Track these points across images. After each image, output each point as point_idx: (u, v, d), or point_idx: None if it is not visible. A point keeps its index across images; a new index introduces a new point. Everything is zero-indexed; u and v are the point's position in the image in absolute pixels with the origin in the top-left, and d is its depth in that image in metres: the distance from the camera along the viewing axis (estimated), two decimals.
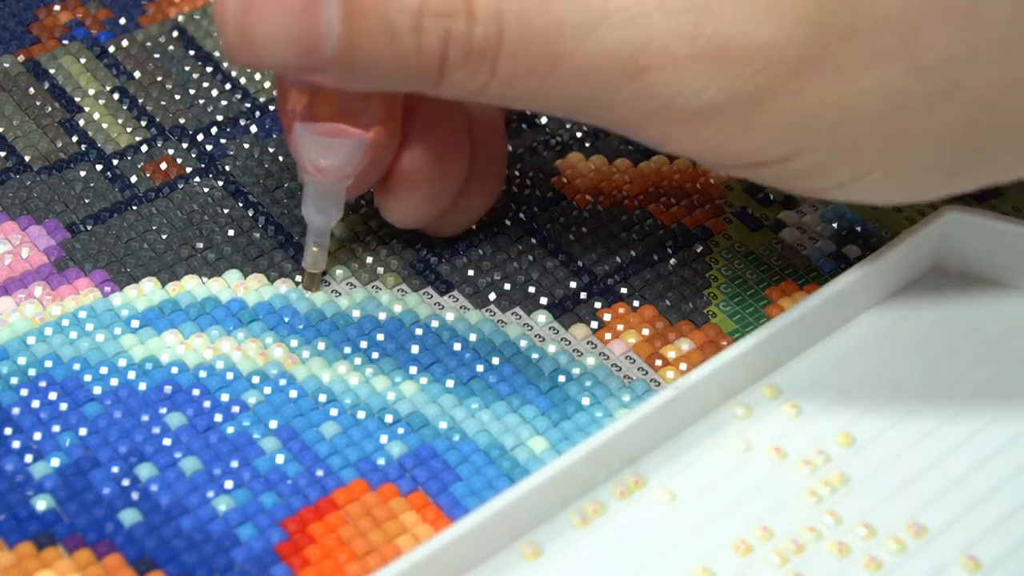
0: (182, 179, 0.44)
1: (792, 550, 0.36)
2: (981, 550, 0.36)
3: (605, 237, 0.43)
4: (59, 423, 0.38)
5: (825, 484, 0.37)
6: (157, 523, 0.36)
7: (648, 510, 0.36)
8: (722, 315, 0.41)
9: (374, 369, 0.39)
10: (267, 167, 0.44)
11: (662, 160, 0.45)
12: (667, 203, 0.44)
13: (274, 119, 0.46)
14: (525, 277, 0.42)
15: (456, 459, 0.38)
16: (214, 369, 0.39)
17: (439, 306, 0.41)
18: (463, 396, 0.39)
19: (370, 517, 0.36)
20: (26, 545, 0.35)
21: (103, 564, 0.35)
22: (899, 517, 0.36)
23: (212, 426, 0.38)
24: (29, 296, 0.41)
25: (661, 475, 0.37)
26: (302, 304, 0.41)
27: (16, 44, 0.48)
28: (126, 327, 0.40)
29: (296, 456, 0.37)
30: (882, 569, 0.35)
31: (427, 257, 0.42)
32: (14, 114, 0.45)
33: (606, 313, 0.41)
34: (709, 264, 0.43)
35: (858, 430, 0.38)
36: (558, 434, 0.38)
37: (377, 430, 0.38)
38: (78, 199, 0.43)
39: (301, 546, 0.36)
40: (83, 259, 0.42)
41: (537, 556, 0.35)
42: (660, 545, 0.36)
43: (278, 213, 0.43)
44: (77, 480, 0.37)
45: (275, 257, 0.42)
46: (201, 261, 0.42)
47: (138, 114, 0.46)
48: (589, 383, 0.39)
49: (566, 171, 0.45)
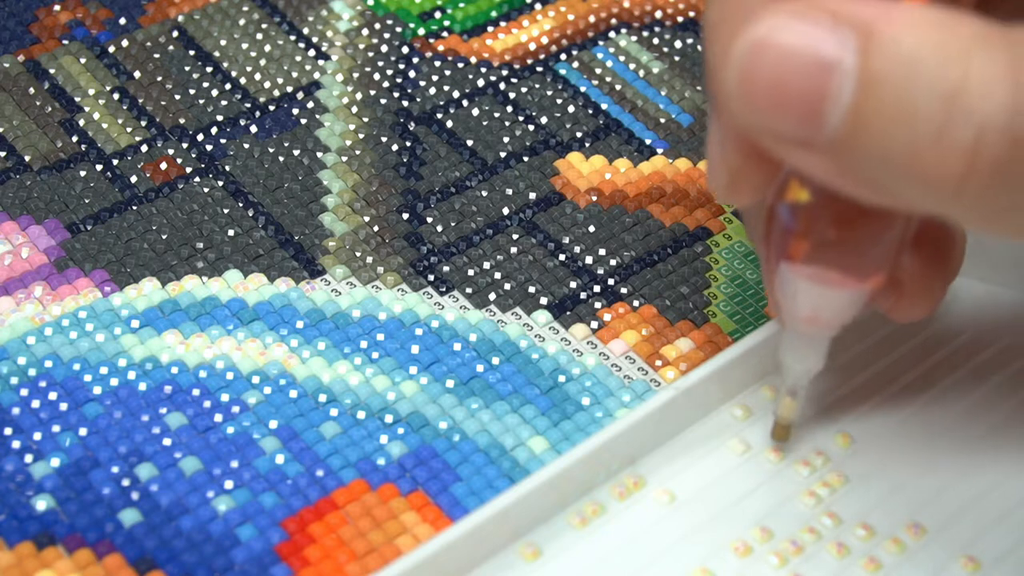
0: (182, 179, 0.44)
1: (791, 551, 0.36)
2: (980, 550, 0.36)
3: (605, 237, 0.43)
4: (59, 423, 0.38)
5: (824, 485, 0.37)
6: (157, 523, 0.36)
7: (647, 511, 0.36)
8: (722, 315, 0.41)
9: (374, 369, 0.39)
10: (267, 167, 0.44)
11: (662, 160, 0.45)
12: (667, 203, 0.44)
13: (274, 119, 0.46)
14: (525, 277, 0.42)
15: (456, 459, 0.38)
16: (214, 369, 0.39)
17: (439, 306, 0.41)
18: (463, 396, 0.39)
19: (370, 517, 0.36)
20: (26, 545, 0.35)
21: (103, 564, 0.35)
22: (898, 518, 0.36)
23: (212, 426, 0.38)
24: (29, 296, 0.41)
25: (660, 476, 0.37)
26: (302, 304, 0.41)
27: (16, 44, 0.48)
28: (126, 327, 0.40)
29: (296, 456, 0.37)
30: (882, 569, 0.35)
31: (427, 257, 0.42)
32: (14, 114, 0.45)
33: (606, 313, 0.41)
34: (709, 264, 0.43)
35: (857, 431, 0.38)
36: (558, 434, 0.38)
37: (377, 430, 0.38)
38: (78, 199, 0.43)
39: (301, 546, 0.36)
40: (83, 259, 0.42)
41: (536, 557, 0.35)
42: (659, 546, 0.36)
43: (278, 213, 0.43)
44: (77, 480, 0.37)
45: (275, 257, 0.42)
46: (201, 261, 0.42)
47: (138, 114, 0.46)
48: (589, 383, 0.39)
49: (566, 171, 0.45)
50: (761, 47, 0.28)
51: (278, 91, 0.47)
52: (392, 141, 0.45)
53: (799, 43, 0.28)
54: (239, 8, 0.49)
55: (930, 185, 0.28)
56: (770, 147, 0.30)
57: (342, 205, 0.43)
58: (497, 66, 0.48)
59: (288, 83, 0.47)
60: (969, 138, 0.27)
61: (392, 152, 0.45)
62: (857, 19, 0.28)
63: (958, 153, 0.27)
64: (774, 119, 0.29)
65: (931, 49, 0.27)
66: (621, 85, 0.47)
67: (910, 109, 0.27)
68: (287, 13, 0.49)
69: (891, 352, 0.40)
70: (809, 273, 0.32)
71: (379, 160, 0.45)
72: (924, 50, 0.27)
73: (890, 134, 0.28)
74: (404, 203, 0.44)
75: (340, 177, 0.44)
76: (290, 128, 0.46)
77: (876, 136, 0.28)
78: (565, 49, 0.49)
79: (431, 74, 0.48)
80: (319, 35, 0.49)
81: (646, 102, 0.47)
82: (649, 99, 0.47)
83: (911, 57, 0.27)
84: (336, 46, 0.48)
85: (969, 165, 0.27)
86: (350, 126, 0.46)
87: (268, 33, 0.49)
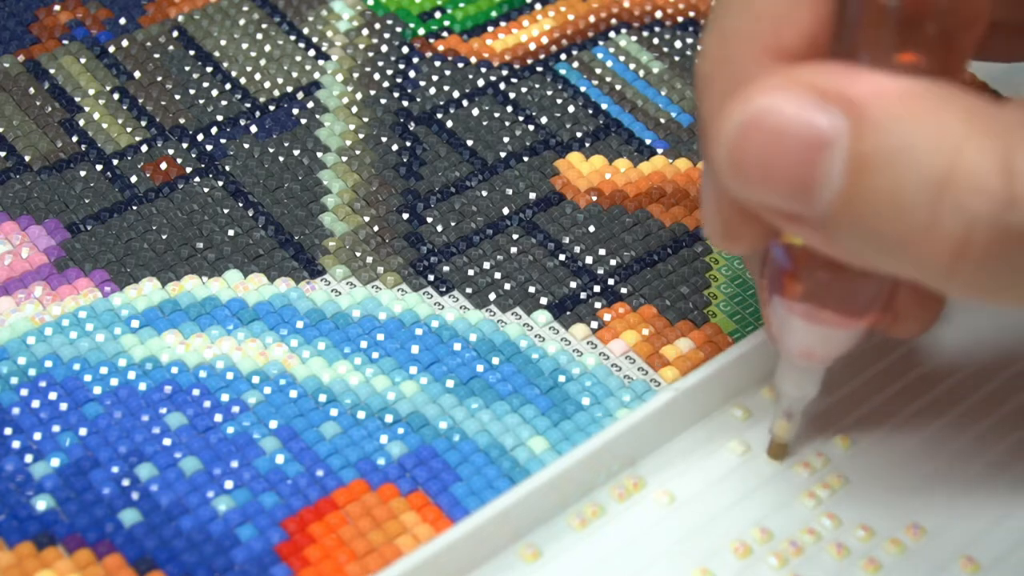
0: (182, 179, 0.44)
1: (791, 552, 0.36)
2: (979, 551, 0.36)
3: (605, 237, 0.43)
4: (59, 423, 0.38)
5: (824, 486, 0.37)
6: (157, 523, 0.36)
7: (647, 512, 0.36)
8: (722, 315, 0.41)
9: (374, 369, 0.39)
10: (267, 167, 0.44)
11: (662, 160, 0.45)
12: (667, 203, 0.44)
13: (274, 119, 0.46)
14: (525, 277, 0.42)
15: (456, 459, 0.38)
16: (214, 369, 0.39)
17: (439, 306, 0.41)
18: (463, 396, 0.39)
19: (370, 517, 0.36)
20: (26, 545, 0.35)
21: (103, 564, 0.35)
22: (898, 518, 0.36)
23: (212, 426, 0.38)
24: (29, 296, 0.41)
25: (660, 477, 0.37)
26: (302, 304, 0.41)
27: (16, 44, 0.48)
28: (126, 327, 0.40)
29: (296, 456, 0.37)
30: (881, 570, 0.35)
31: (427, 257, 0.42)
32: (14, 114, 0.45)
33: (606, 313, 0.41)
34: (709, 264, 0.43)
35: (857, 432, 0.38)
36: (558, 434, 0.38)
37: (377, 430, 0.38)
38: (78, 199, 0.43)
39: (301, 546, 0.36)
40: (83, 259, 0.42)
41: (536, 558, 0.35)
42: (659, 547, 0.36)
43: (278, 213, 0.43)
44: (77, 480, 0.37)
45: (275, 257, 0.42)
46: (201, 261, 0.42)
47: (138, 114, 0.46)
48: (589, 383, 0.39)
49: (566, 171, 0.45)
50: (751, 125, 0.28)
51: (278, 91, 0.47)
52: (392, 141, 0.45)
53: (789, 121, 0.28)
54: (239, 8, 0.49)
55: (921, 267, 0.28)
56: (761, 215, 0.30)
57: (342, 205, 0.43)
58: (497, 66, 0.48)
59: (288, 83, 0.47)
60: (959, 228, 0.27)
61: (392, 152, 0.45)
62: (847, 97, 0.28)
63: (948, 242, 0.27)
64: (764, 194, 0.29)
65: (921, 136, 0.27)
66: (621, 85, 0.47)
67: (900, 196, 0.27)
68: (287, 13, 0.49)
69: (890, 354, 0.40)
70: (803, 311, 0.32)
71: (379, 160, 0.45)
72: (914, 136, 0.27)
73: (880, 218, 0.28)
74: (404, 203, 0.44)
75: (340, 177, 0.44)
76: (290, 128, 0.46)
77: (866, 218, 0.28)
78: (565, 49, 0.49)
79: (431, 74, 0.48)
80: (319, 35, 0.49)
81: (646, 102, 0.47)
82: (649, 99, 0.47)
83: (901, 143, 0.27)
84: (336, 46, 0.48)
85: (960, 253, 0.27)
86: (350, 126, 0.46)
87: (268, 33, 0.49)
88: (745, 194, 0.29)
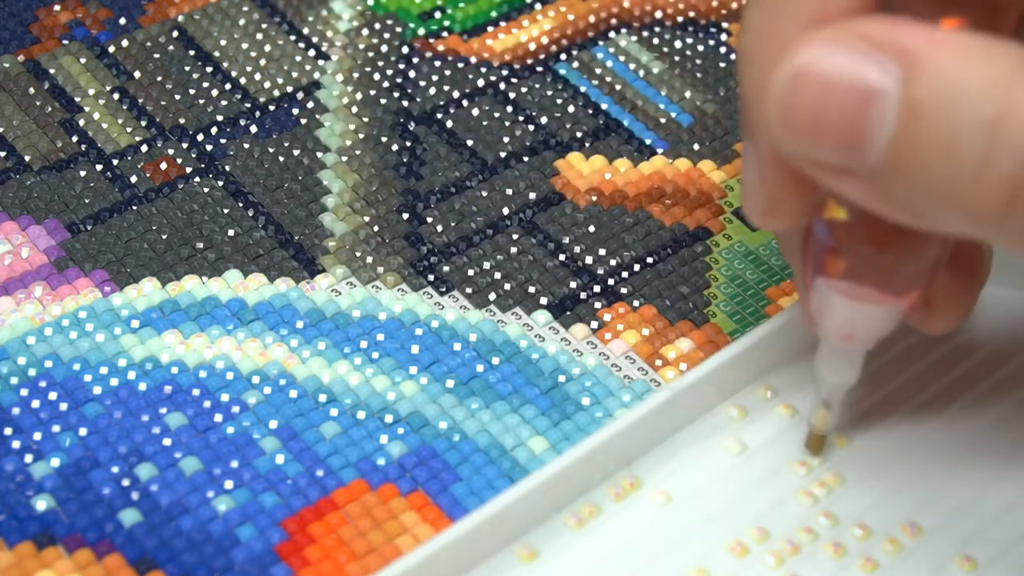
0: (182, 179, 0.44)
1: (788, 551, 0.36)
2: (977, 550, 0.36)
3: (605, 237, 0.43)
4: (59, 423, 0.38)
5: (821, 485, 0.37)
6: (157, 523, 0.36)
7: (643, 512, 0.37)
8: (722, 315, 0.41)
9: (374, 369, 0.39)
10: (267, 167, 0.45)
11: (662, 160, 0.45)
12: (667, 203, 0.44)
13: (274, 119, 0.46)
14: (525, 277, 0.42)
15: (456, 459, 0.38)
16: (214, 369, 0.39)
17: (439, 306, 0.41)
18: (463, 396, 0.39)
19: (370, 517, 0.36)
20: (26, 545, 0.35)
21: (103, 564, 0.35)
22: (895, 517, 0.36)
23: (212, 426, 0.38)
24: (29, 296, 0.41)
25: (656, 477, 0.37)
26: (302, 304, 0.41)
27: (16, 44, 0.48)
28: (126, 327, 0.40)
29: (296, 456, 0.37)
30: (878, 569, 0.36)
31: (427, 257, 0.42)
32: (14, 114, 0.46)
33: (606, 313, 0.41)
34: (709, 264, 0.43)
35: (853, 431, 0.38)
36: (558, 434, 0.38)
37: (377, 430, 0.38)
38: (78, 199, 0.43)
39: (301, 546, 0.36)
40: (83, 259, 0.42)
41: (533, 558, 0.35)
42: (656, 547, 0.36)
43: (278, 213, 0.43)
44: (77, 480, 0.37)
45: (275, 257, 0.42)
46: (201, 261, 0.42)
47: (138, 114, 0.46)
48: (589, 383, 0.39)
49: (566, 171, 0.45)
50: (803, 76, 0.28)
51: (278, 91, 0.47)
52: (392, 141, 0.45)
53: (841, 72, 0.28)
54: (239, 8, 0.49)
55: (972, 215, 0.28)
56: (810, 173, 0.29)
57: (342, 205, 0.43)
58: (497, 66, 0.48)
59: (288, 83, 0.47)
60: (1012, 170, 0.27)
61: (392, 152, 0.45)
62: (899, 46, 0.28)
63: (1001, 185, 0.27)
64: (816, 147, 0.28)
65: (974, 80, 0.27)
66: (621, 85, 0.47)
67: (953, 140, 0.27)
68: (287, 13, 0.49)
69: (887, 352, 0.40)
70: (845, 289, 0.32)
71: (379, 160, 0.45)
72: (967, 81, 0.27)
73: (932, 165, 0.27)
74: (404, 203, 0.44)
75: (340, 177, 0.44)
76: (290, 128, 0.46)
77: (918, 166, 0.28)
78: (565, 49, 0.49)
79: (431, 74, 0.48)
80: (319, 35, 0.49)
81: (646, 102, 0.47)
82: (649, 99, 0.47)
83: (954, 88, 0.27)
84: (336, 46, 0.48)
85: (1012, 197, 0.27)
86: (350, 126, 0.46)
87: (268, 33, 0.49)
88: (795, 148, 0.29)
